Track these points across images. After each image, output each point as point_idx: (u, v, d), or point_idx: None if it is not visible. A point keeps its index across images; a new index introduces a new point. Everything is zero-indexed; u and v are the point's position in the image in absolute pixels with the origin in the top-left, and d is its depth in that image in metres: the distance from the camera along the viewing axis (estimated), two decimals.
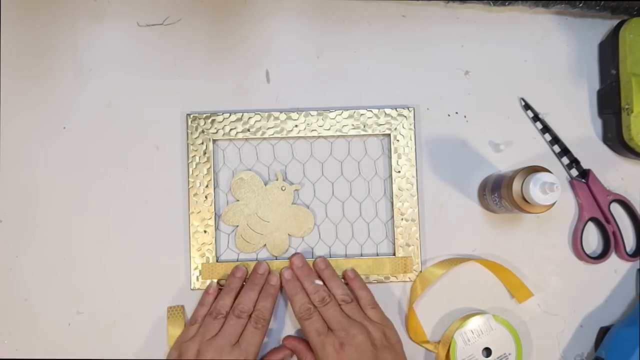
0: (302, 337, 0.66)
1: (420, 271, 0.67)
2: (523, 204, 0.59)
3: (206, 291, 0.65)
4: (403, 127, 0.68)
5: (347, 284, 0.66)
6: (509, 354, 0.65)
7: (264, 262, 0.66)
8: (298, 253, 0.67)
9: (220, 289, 0.65)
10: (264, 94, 0.69)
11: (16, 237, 0.68)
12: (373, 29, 0.70)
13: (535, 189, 0.57)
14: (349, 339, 0.60)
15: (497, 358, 0.65)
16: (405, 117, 0.68)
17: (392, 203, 0.68)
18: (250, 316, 0.62)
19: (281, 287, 0.66)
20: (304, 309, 0.63)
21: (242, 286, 0.65)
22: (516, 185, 0.59)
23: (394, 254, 0.67)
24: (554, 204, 0.58)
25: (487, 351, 0.65)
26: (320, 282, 0.64)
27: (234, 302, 0.64)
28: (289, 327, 0.67)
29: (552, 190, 0.57)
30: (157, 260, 0.67)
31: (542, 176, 0.57)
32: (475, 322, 0.65)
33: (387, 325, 0.63)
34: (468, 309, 0.68)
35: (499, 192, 0.62)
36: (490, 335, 0.65)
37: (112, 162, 0.68)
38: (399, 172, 0.68)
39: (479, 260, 0.68)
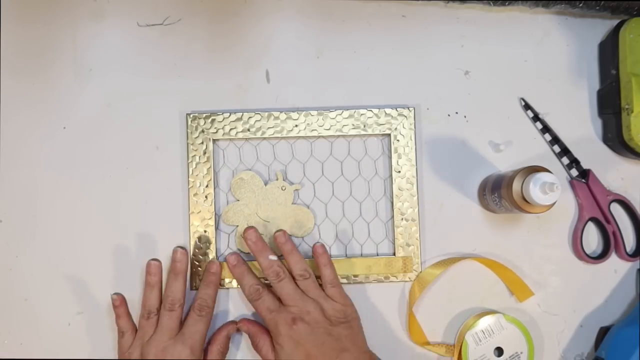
0: (257, 320, 0.66)
1: (420, 271, 0.67)
2: (523, 204, 0.59)
3: (114, 305, 0.64)
4: (403, 127, 0.68)
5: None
6: (521, 353, 0.65)
7: (180, 248, 0.65)
8: (252, 227, 0.65)
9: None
10: (264, 94, 0.69)
11: (16, 237, 0.67)
12: (373, 29, 0.70)
13: (535, 189, 0.57)
14: (302, 314, 0.60)
15: (509, 357, 0.65)
16: (405, 117, 0.68)
17: (392, 203, 0.68)
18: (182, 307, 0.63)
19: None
20: (252, 290, 0.63)
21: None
22: (516, 185, 0.59)
23: (394, 254, 0.67)
24: (554, 204, 0.58)
25: (499, 351, 0.65)
26: (275, 257, 0.64)
27: (160, 298, 0.63)
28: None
29: (552, 190, 0.57)
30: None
31: (542, 176, 0.57)
32: (486, 322, 0.65)
33: (346, 304, 0.63)
34: (468, 309, 0.68)
35: (499, 192, 0.62)
36: (501, 335, 0.65)
37: (112, 162, 0.68)
38: (399, 172, 0.68)
39: (478, 258, 0.68)
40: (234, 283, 0.66)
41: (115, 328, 0.65)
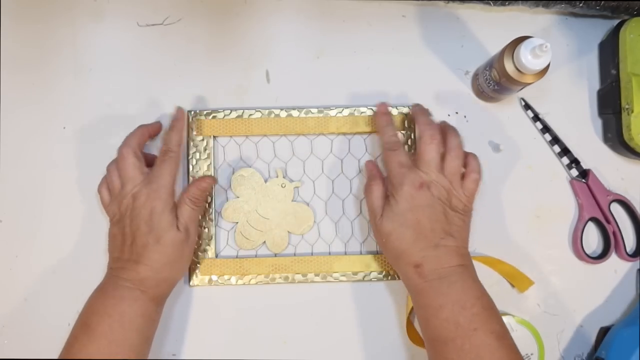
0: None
1: None
2: (517, 75, 0.60)
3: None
4: (403, 124, 0.68)
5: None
6: (531, 354, 0.65)
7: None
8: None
9: None
10: (264, 94, 0.69)
11: (16, 237, 0.68)
12: (373, 29, 0.70)
13: (526, 53, 0.58)
14: (431, 184, 0.59)
15: None
16: (405, 114, 0.68)
17: None
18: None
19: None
20: (392, 140, 0.62)
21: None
22: (507, 57, 0.60)
23: None
24: (546, 68, 0.59)
25: None
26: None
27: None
28: None
29: (543, 51, 0.57)
30: None
31: (531, 40, 0.59)
32: None
33: (470, 202, 0.61)
34: None
35: (491, 72, 0.63)
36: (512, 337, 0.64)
37: None
38: None
39: (474, 257, 0.67)
40: (233, 280, 0.66)
41: None
